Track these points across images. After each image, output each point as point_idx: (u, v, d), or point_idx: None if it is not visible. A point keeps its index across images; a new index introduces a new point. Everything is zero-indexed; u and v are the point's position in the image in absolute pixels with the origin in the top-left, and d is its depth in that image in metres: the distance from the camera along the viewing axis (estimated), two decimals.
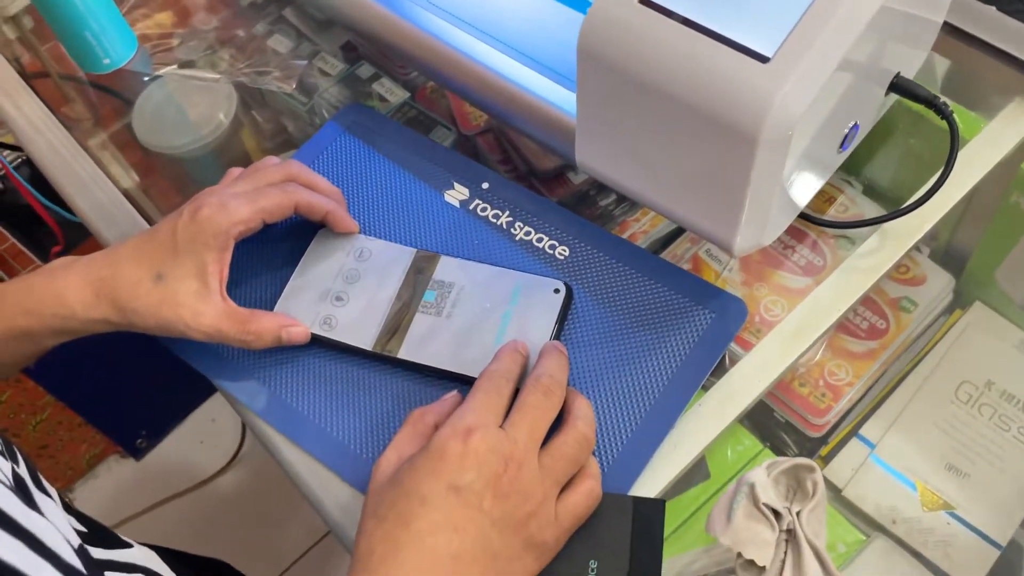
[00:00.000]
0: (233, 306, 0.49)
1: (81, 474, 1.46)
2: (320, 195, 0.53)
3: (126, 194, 0.64)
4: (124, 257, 0.49)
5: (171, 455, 1.48)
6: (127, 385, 1.33)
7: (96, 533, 0.43)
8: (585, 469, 0.43)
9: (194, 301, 0.48)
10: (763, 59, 0.39)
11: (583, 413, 0.43)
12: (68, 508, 0.42)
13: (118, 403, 1.38)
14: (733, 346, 0.51)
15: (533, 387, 0.43)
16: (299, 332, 0.50)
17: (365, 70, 0.69)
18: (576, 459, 0.42)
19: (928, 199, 0.48)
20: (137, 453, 1.47)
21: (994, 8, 0.59)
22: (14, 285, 0.50)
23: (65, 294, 0.48)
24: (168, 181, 0.69)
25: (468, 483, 0.39)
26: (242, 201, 0.49)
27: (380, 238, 0.55)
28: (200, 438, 1.48)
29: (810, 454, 0.53)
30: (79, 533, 0.39)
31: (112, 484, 1.46)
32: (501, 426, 0.41)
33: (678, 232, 0.57)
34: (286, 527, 1.37)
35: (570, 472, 0.42)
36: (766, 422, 0.52)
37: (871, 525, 0.49)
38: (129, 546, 0.45)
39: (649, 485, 0.46)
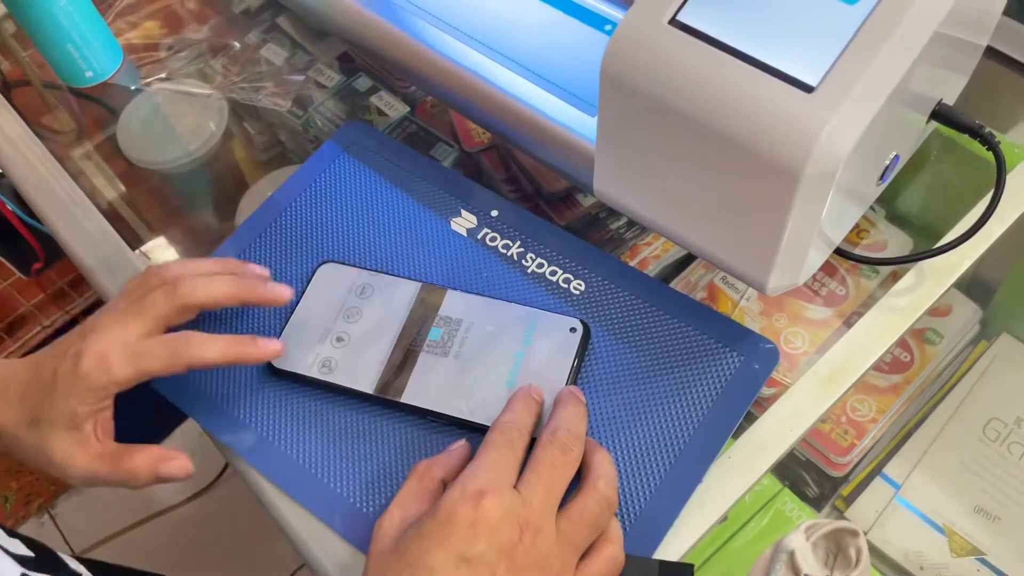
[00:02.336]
0: (108, 445, 0.46)
1: (64, 490, 1.44)
2: (215, 342, 0.47)
3: (109, 211, 0.61)
4: (12, 394, 0.46)
5: None
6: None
7: (44, 559, 0.40)
8: (606, 533, 0.40)
9: (65, 445, 0.45)
10: (807, 88, 0.36)
11: (604, 472, 0.40)
12: (12, 533, 0.40)
13: None
14: None
15: (550, 443, 0.40)
16: (177, 466, 0.46)
17: (363, 82, 0.67)
18: (597, 524, 0.39)
19: (973, 234, 0.45)
20: None
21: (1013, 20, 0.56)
22: None
23: None
24: (154, 197, 0.66)
25: (479, 553, 0.36)
26: (124, 358, 0.45)
27: (382, 269, 0.52)
28: (188, 452, 1.45)
29: (831, 493, 0.51)
30: (23, 559, 0.38)
31: (96, 500, 1.43)
32: (515, 486, 0.38)
33: (691, 257, 0.55)
34: (276, 544, 1.35)
35: (591, 538, 0.39)
36: (785, 460, 0.50)
37: (897, 571, 0.47)
38: (78, 574, 0.42)
39: (675, 546, 0.43)
